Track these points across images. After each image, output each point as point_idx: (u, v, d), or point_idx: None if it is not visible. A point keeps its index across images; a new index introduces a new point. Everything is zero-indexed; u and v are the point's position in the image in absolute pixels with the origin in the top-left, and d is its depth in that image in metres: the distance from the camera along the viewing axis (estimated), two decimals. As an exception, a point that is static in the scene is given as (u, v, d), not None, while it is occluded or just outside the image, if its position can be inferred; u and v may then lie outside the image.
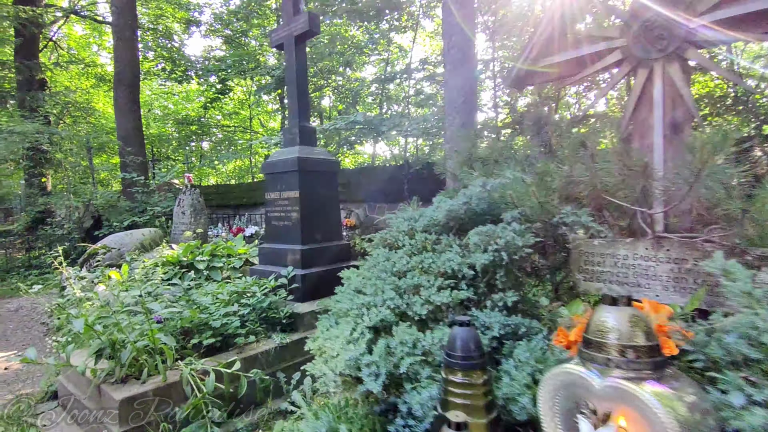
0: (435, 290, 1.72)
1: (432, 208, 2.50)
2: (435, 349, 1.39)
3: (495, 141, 2.72)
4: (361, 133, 8.07)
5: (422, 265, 1.96)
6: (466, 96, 3.60)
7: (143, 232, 7.07)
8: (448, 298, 1.66)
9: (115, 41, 11.16)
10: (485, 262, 1.80)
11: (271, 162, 4.35)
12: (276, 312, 3.67)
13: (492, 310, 1.76)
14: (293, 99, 4.32)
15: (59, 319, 4.43)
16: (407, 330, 1.49)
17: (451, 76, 3.60)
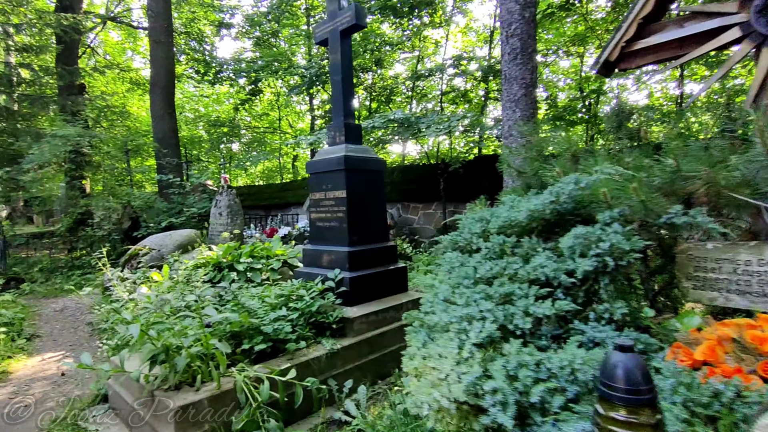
0: (532, 300, 1.53)
1: (505, 208, 2.30)
2: (562, 374, 1.20)
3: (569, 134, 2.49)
4: (396, 131, 7.89)
5: (508, 271, 1.77)
6: (527, 88, 3.37)
7: (182, 233, 7.11)
8: (551, 310, 1.46)
9: (151, 45, 11.35)
10: (588, 269, 1.59)
11: (315, 161, 4.22)
12: (325, 316, 3.54)
13: (598, 323, 1.55)
14: (338, 96, 4.18)
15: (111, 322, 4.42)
16: (524, 349, 1.30)
17: (510, 66, 3.38)
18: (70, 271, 8.75)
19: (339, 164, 3.95)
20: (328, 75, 11.56)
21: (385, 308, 3.90)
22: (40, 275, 8.45)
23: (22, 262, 9.20)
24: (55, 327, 5.78)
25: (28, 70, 11.18)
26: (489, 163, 9.37)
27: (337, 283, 3.82)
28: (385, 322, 3.89)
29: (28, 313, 6.15)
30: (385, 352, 3.75)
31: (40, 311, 6.54)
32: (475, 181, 9.49)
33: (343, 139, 4.13)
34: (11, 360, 4.46)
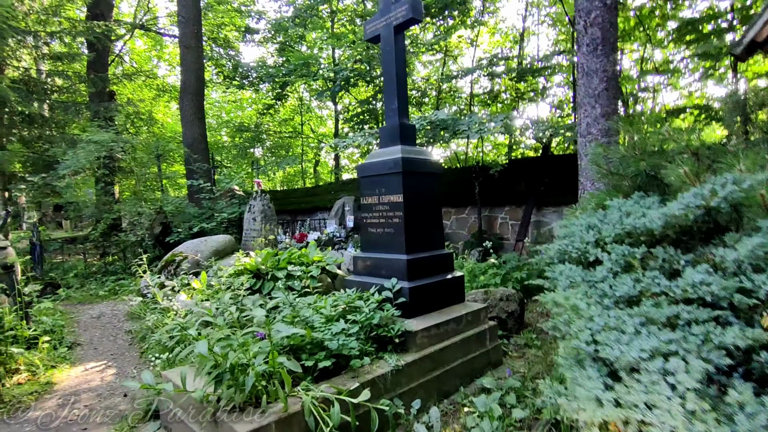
0: (712, 326, 1.25)
1: (616, 214, 2.02)
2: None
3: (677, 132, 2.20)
4: (430, 133, 7.65)
5: (654, 289, 1.49)
6: (609, 81, 3.08)
7: (218, 239, 6.99)
8: (743, 340, 1.18)
9: (181, 50, 11.39)
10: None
11: (368, 164, 4.00)
12: (386, 330, 3.30)
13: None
14: (392, 94, 3.96)
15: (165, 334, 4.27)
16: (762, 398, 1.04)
17: (589, 58, 3.10)
18: (104, 277, 8.73)
19: (395, 167, 3.72)
20: (357, 78, 11.45)
21: (446, 321, 3.64)
22: (76, 281, 8.45)
23: (57, 267, 9.24)
24: (94, 334, 5.69)
25: (62, 77, 11.32)
26: (526, 166, 9.05)
27: (395, 294, 3.58)
28: (446, 336, 3.63)
29: (67, 320, 6.08)
30: (447, 368, 3.49)
31: (77, 318, 6.48)
32: (511, 185, 9.18)
33: (398, 140, 3.90)
34: (55, 370, 4.34)
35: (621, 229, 1.88)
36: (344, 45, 11.20)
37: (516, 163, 9.49)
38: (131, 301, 7.10)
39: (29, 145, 10.91)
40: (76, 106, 11.55)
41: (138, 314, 6.25)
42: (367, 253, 4.05)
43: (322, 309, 3.39)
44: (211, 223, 9.28)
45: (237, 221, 11.29)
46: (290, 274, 5.81)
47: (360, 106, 11.91)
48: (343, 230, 11.49)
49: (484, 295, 4.92)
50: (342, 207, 12.12)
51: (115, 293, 8.05)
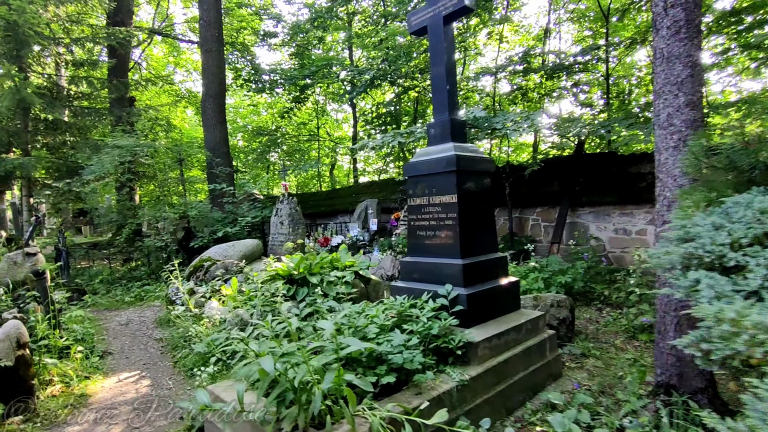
0: None
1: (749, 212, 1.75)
2: None
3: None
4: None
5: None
6: (693, 67, 2.80)
7: (245, 244, 6.81)
8: None
9: (202, 54, 11.32)
10: None
11: (416, 163, 3.76)
12: (446, 341, 3.04)
13: None
14: (441, 89, 3.72)
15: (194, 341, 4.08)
16: None
17: (671, 43, 2.82)
18: (129, 283, 8.63)
19: (448, 165, 3.47)
20: (382, 80, 11.22)
21: (506, 330, 3.37)
22: (101, 287, 8.36)
23: (83, 273, 9.17)
24: (124, 342, 5.53)
25: (86, 83, 11.33)
26: (559, 165, 8.71)
27: (451, 301, 3.33)
28: (507, 347, 3.36)
29: (96, 328, 5.94)
30: (511, 382, 3.22)
31: (106, 325, 6.34)
32: (543, 185, 8.86)
33: (449, 137, 3.66)
34: (88, 381, 4.17)
35: (761, 229, 1.60)
36: (369, 46, 10.99)
37: (548, 163, 9.17)
38: (161, 308, 6.96)
39: (53, 152, 10.93)
40: (99, 112, 11.55)
41: (167, 321, 6.09)
42: (415, 257, 3.80)
43: (374, 318, 3.15)
44: (234, 228, 9.13)
45: (260, 225, 11.14)
46: (324, 279, 5.60)
47: (383, 107, 11.69)
48: (366, 233, 11.27)
49: (534, 301, 4.64)
50: (365, 210, 11.91)
51: (141, 299, 7.92)
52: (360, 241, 10.79)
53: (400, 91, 10.88)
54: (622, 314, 5.24)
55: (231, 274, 6.36)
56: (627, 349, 4.36)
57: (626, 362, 3.98)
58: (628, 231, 7.65)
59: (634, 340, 4.57)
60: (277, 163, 25.79)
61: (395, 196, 12.27)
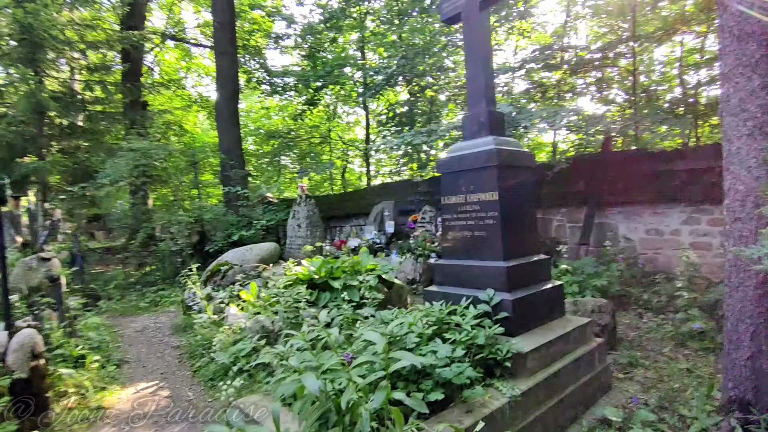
0: None
1: None
2: None
3: None
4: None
5: None
6: (770, 46, 2.51)
7: (263, 247, 6.60)
8: None
9: (216, 56, 11.22)
10: None
11: (451, 158, 3.51)
12: (493, 351, 2.77)
13: None
14: (477, 79, 3.47)
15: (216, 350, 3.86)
16: None
17: (741, 20, 2.53)
18: (144, 288, 8.47)
19: (489, 160, 3.22)
20: (399, 76, 10.95)
21: (554, 339, 3.09)
22: (116, 292, 8.22)
23: (97, 278, 9.05)
24: (140, 351, 5.34)
25: (101, 86, 11.28)
26: (584, 163, 8.38)
27: (494, 308, 3.06)
28: (555, 357, 3.08)
29: (112, 335, 5.77)
30: (562, 396, 2.94)
31: (121, 332, 6.17)
32: (568, 184, 8.53)
33: (487, 130, 3.40)
34: (105, 392, 3.97)
35: None
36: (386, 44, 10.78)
37: (573, 161, 8.85)
38: (177, 313, 6.78)
39: (68, 156, 10.88)
40: (113, 116, 11.50)
41: (184, 328, 5.90)
42: (451, 260, 3.54)
43: (412, 326, 2.90)
44: (250, 231, 8.95)
45: (274, 228, 10.97)
46: (347, 284, 5.36)
47: (400, 106, 11.44)
48: (383, 236, 11.01)
49: (573, 306, 4.34)
50: (381, 212, 11.66)
51: (156, 305, 7.76)
52: (376, 244, 10.54)
53: (416, 90, 10.62)
54: (666, 320, 4.91)
55: (249, 278, 6.15)
56: (678, 357, 4.05)
57: (681, 373, 3.66)
58: (661, 231, 7.29)
59: (683, 348, 4.25)
60: (288, 167, 25.73)
61: (411, 198, 12.00)
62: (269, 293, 5.40)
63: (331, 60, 11.32)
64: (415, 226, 10.30)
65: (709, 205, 6.75)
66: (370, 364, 2.13)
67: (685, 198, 7.01)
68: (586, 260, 5.82)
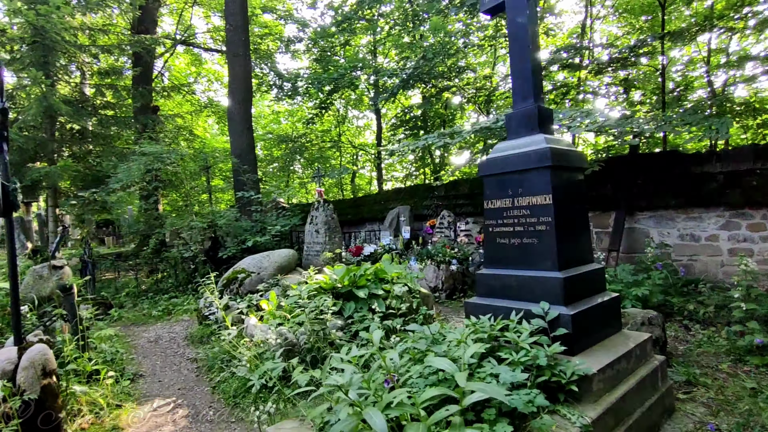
0: None
1: None
2: None
3: None
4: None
5: None
6: None
7: (281, 254, 6.34)
8: None
9: (229, 59, 11.06)
10: None
11: (496, 159, 3.23)
12: (557, 373, 2.47)
13: None
14: (524, 72, 3.19)
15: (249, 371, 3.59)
16: None
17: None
18: (156, 296, 8.24)
19: (540, 161, 2.93)
20: (417, 79, 10.68)
21: (618, 358, 2.78)
22: (128, 300, 7.99)
23: (108, 285, 8.84)
24: (155, 363, 5.08)
25: (112, 90, 11.15)
26: (612, 166, 8.05)
27: (550, 323, 2.76)
28: (620, 379, 2.77)
29: (125, 346, 5.52)
30: (630, 423, 2.63)
31: (134, 342, 5.93)
32: (593, 189, 8.20)
33: (536, 128, 3.12)
34: (120, 410, 3.71)
35: None
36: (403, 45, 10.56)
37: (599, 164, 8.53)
38: (191, 322, 6.52)
39: (79, 161, 10.73)
40: (124, 121, 11.35)
41: (200, 338, 5.64)
42: (496, 269, 3.24)
43: (461, 344, 2.60)
44: (264, 237, 8.70)
45: (288, 234, 10.73)
46: (372, 293, 5.08)
47: (417, 108, 11.19)
48: (399, 242, 10.73)
49: (622, 318, 4.02)
50: (396, 217, 11.39)
51: (169, 313, 7.52)
52: (393, 250, 10.24)
53: (432, 93, 10.35)
54: (717, 332, 4.57)
55: (269, 287, 5.89)
56: (738, 374, 3.71)
57: (747, 393, 3.33)
58: (696, 237, 6.94)
59: (742, 364, 3.91)
60: (297, 172, 25.57)
61: (427, 202, 11.73)
62: (289, 302, 5.14)
63: (344, 63, 11.09)
64: (433, 232, 10.02)
65: (750, 209, 6.40)
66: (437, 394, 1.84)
67: (723, 202, 6.66)
68: (623, 268, 5.49)
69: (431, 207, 10.86)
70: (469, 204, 10.57)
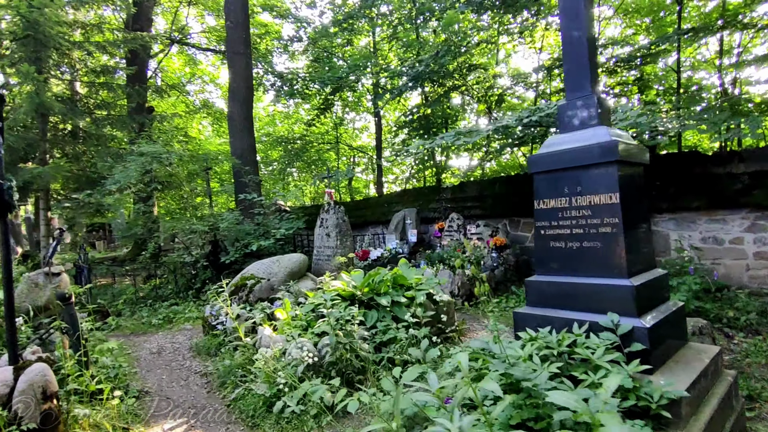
0: None
1: None
2: None
3: None
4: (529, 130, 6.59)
5: None
6: None
7: (292, 259, 5.99)
8: None
9: (228, 56, 10.71)
10: None
11: (549, 154, 2.94)
12: (643, 396, 2.17)
13: None
14: (579, 56, 2.91)
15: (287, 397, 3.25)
16: None
17: None
18: (155, 303, 7.83)
19: (605, 155, 2.64)
20: (428, 76, 10.33)
21: (697, 377, 2.49)
22: (126, 307, 7.57)
23: (104, 292, 8.40)
24: (161, 377, 4.70)
25: (105, 90, 10.72)
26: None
27: (623, 337, 2.46)
28: (701, 399, 2.48)
29: (126, 358, 5.13)
30: (717, 449, 2.33)
31: (136, 353, 5.53)
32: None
33: (596, 120, 2.83)
34: (127, 434, 3.34)
35: None
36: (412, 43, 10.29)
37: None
38: (194, 331, 6.14)
39: (72, 162, 10.28)
40: (120, 119, 10.91)
41: (207, 349, 5.26)
42: (551, 276, 2.94)
43: (526, 361, 2.30)
44: (268, 241, 8.34)
45: (291, 238, 10.37)
46: (395, 301, 4.75)
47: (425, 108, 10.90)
48: (405, 245, 10.42)
49: (671, 327, 3.75)
50: (402, 220, 11.08)
51: (170, 321, 7.12)
52: (400, 254, 9.94)
53: (441, 93, 10.07)
54: (764, 340, 4.32)
55: (278, 293, 5.54)
56: (799, 388, 3.45)
57: (820, 410, 3.06)
58: (720, 240, 6.72)
59: (799, 375, 3.66)
60: (293, 175, 25.17)
61: (434, 205, 11.45)
62: (304, 311, 4.80)
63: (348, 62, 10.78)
64: (442, 235, 9.73)
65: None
66: None
67: (748, 203, 6.46)
68: (657, 272, 5.22)
69: (438, 209, 10.57)
70: (477, 206, 10.30)
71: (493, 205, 9.83)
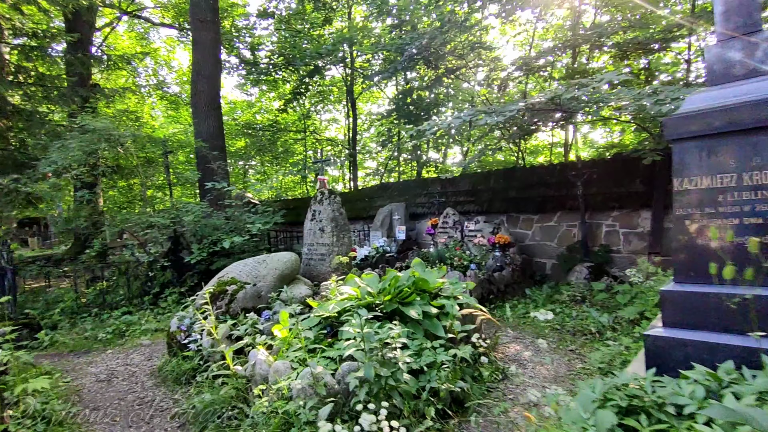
0: None
1: None
2: None
3: None
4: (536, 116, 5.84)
5: None
6: None
7: (281, 259, 4.87)
8: None
9: (193, 25, 9.29)
10: None
11: (707, 111, 2.09)
12: None
13: None
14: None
15: None
16: None
17: None
18: (102, 312, 6.43)
19: (808, 110, 1.82)
20: (427, 54, 9.27)
21: None
22: (63, 318, 6.14)
23: (35, 298, 6.86)
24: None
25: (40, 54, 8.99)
26: (641, 160, 7.30)
27: None
28: None
29: (61, 390, 3.85)
30: None
31: (77, 382, 4.24)
32: (620, 185, 7.44)
33: (767, 66, 2.01)
34: None
35: None
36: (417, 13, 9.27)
37: (624, 159, 7.79)
38: (153, 348, 4.87)
39: (-3, 140, 8.52)
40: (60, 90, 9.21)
41: (175, 375, 4.07)
42: (704, 286, 2.09)
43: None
44: (243, 237, 7.13)
45: (266, 235, 9.17)
46: (426, 313, 3.79)
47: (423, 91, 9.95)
48: (394, 243, 9.48)
49: None
50: (389, 216, 10.13)
51: (122, 335, 5.80)
52: (387, 253, 9.00)
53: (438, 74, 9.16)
54: None
55: (262, 301, 4.42)
56: None
57: None
58: (745, 238, 6.26)
59: None
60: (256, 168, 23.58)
61: (421, 199, 10.59)
62: (304, 326, 3.74)
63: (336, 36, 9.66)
64: (436, 232, 8.88)
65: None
66: None
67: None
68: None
69: (433, 204, 9.72)
70: (471, 202, 9.54)
71: (489, 200, 9.09)
